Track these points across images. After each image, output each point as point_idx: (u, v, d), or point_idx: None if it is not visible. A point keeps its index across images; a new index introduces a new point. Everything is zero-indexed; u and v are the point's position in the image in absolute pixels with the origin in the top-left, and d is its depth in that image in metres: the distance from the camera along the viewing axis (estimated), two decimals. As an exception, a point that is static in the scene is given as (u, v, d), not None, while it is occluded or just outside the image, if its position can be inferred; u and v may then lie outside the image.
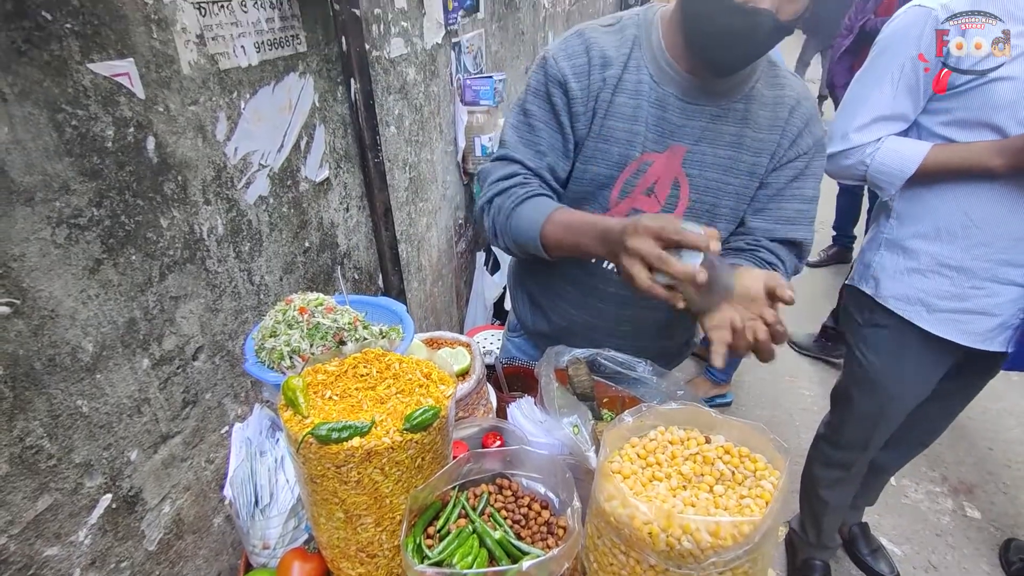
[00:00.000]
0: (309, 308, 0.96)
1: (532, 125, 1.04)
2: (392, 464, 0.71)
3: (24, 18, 0.79)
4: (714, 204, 1.04)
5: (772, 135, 1.01)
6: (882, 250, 1.49)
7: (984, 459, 2.54)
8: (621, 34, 1.01)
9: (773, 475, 0.71)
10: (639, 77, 0.99)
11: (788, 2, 0.83)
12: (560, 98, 1.01)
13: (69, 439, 0.93)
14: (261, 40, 1.24)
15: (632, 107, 0.99)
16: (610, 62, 0.99)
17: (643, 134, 1.00)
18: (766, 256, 1.05)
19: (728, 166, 1.01)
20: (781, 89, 1.02)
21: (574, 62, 0.99)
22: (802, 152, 1.02)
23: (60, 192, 0.86)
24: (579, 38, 1.01)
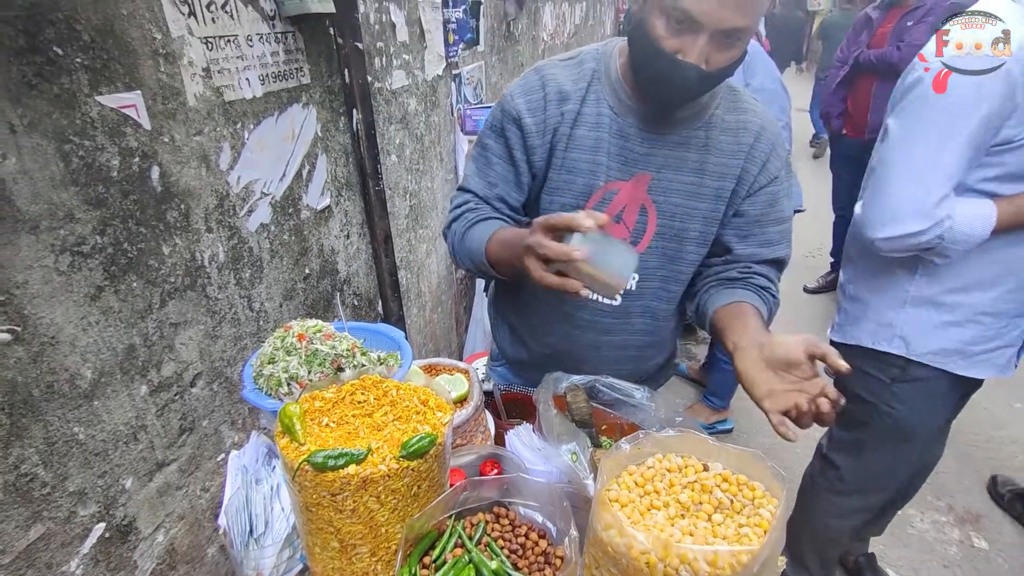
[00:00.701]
0: (308, 335, 0.97)
1: (487, 158, 1.09)
2: (388, 492, 0.71)
3: (36, 53, 0.81)
4: (682, 228, 1.07)
5: (736, 160, 1.04)
6: (907, 308, 1.40)
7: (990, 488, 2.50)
8: (579, 68, 1.05)
9: (771, 503, 0.71)
10: (599, 110, 1.03)
11: (718, 53, 0.86)
12: (514, 133, 1.05)
13: (64, 467, 0.92)
14: (266, 73, 1.27)
15: (593, 139, 1.03)
16: (567, 96, 1.03)
17: (606, 164, 1.03)
18: (759, 281, 1.08)
19: (693, 191, 1.04)
20: (743, 114, 1.05)
21: (529, 98, 1.04)
22: (773, 176, 1.06)
23: (65, 220, 0.88)
24: (536, 74, 1.06)
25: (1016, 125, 1.16)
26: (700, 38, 0.84)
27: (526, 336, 1.28)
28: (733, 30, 0.83)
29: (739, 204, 1.06)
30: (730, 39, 0.85)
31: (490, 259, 1.00)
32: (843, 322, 1.55)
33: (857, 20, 3.38)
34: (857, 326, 1.52)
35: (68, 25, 0.85)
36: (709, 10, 0.81)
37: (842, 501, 1.78)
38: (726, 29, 0.83)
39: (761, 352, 0.86)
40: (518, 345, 1.31)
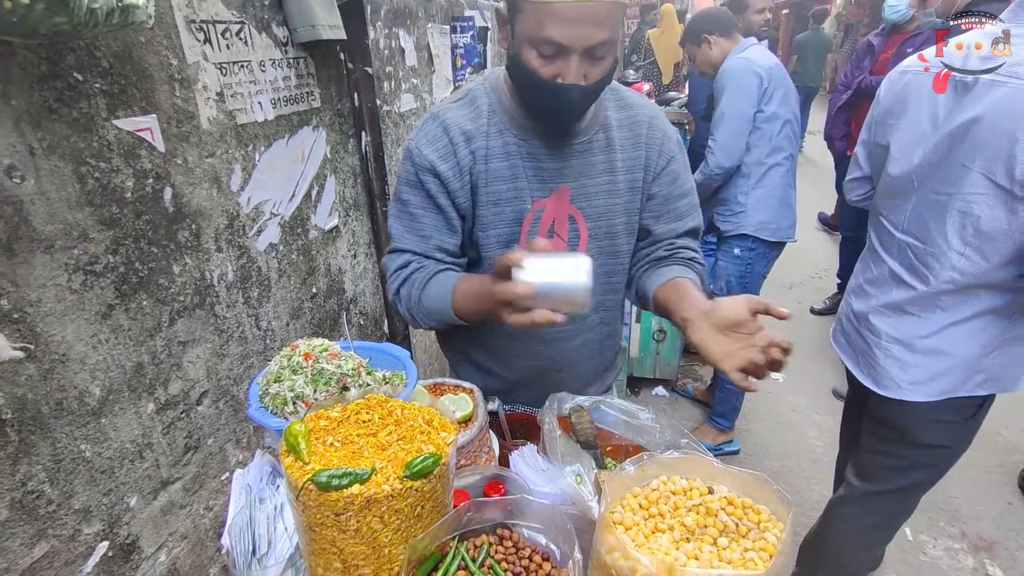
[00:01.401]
0: (314, 354, 0.97)
1: (412, 213, 1.09)
2: (391, 512, 0.70)
3: (57, 79, 0.84)
4: (610, 225, 1.13)
5: (637, 151, 1.11)
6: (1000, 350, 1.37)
7: (1004, 514, 2.45)
8: (474, 106, 1.08)
9: (777, 527, 0.70)
10: (505, 140, 1.06)
11: (592, 67, 0.91)
12: (433, 183, 1.06)
13: (70, 484, 0.93)
14: (277, 96, 1.30)
15: (509, 167, 1.07)
16: (471, 136, 1.06)
17: (526, 187, 1.08)
18: (685, 254, 1.15)
19: (610, 190, 1.10)
20: (630, 109, 1.12)
21: (436, 146, 1.05)
22: (672, 156, 1.14)
23: (79, 240, 0.90)
24: (435, 121, 1.07)
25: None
26: (572, 60, 0.88)
27: (493, 366, 1.29)
28: (599, 45, 0.88)
29: (648, 189, 1.14)
30: (598, 53, 0.90)
31: (459, 314, 1.02)
32: (919, 378, 1.45)
33: (859, 46, 3.43)
34: (940, 380, 1.42)
35: (89, 52, 0.88)
36: (574, 34, 0.86)
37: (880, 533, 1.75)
38: (593, 46, 0.88)
39: (709, 319, 0.90)
40: (487, 376, 1.31)
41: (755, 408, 3.15)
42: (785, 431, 2.99)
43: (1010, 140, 1.17)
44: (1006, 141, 1.18)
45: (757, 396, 3.24)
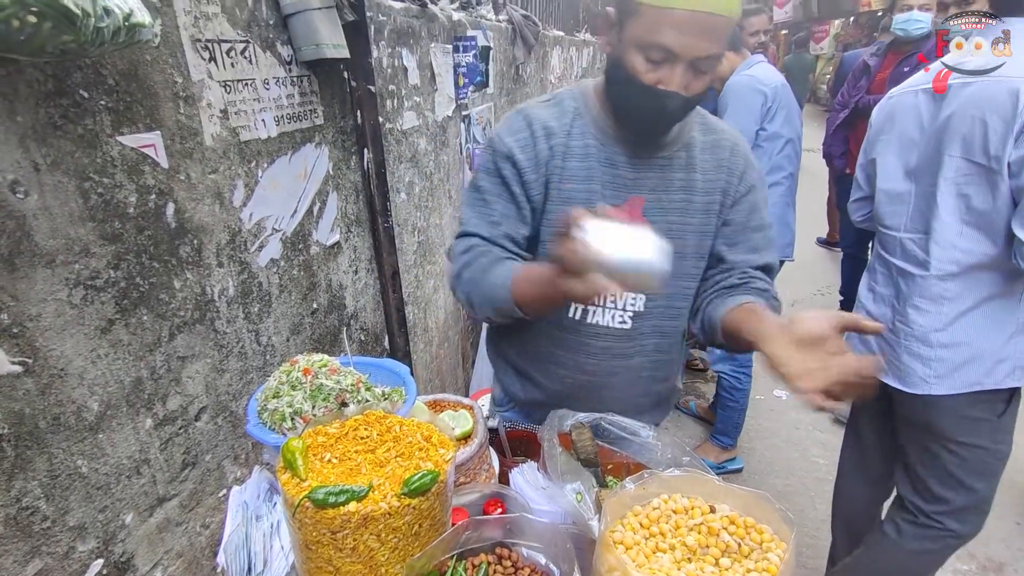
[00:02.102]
0: (313, 369, 0.97)
1: (485, 199, 1.10)
2: (389, 530, 0.70)
3: (63, 96, 0.85)
4: (680, 245, 1.10)
5: (719, 174, 1.11)
6: (1017, 337, 1.41)
7: (1012, 535, 2.41)
8: (560, 107, 1.11)
9: (780, 547, 0.69)
10: (585, 142, 1.08)
11: (694, 79, 0.93)
12: (510, 170, 1.08)
13: (66, 500, 0.92)
14: (281, 114, 1.32)
15: (585, 169, 1.08)
16: (553, 132, 1.08)
17: (599, 192, 1.08)
18: (758, 284, 1.12)
19: (684, 208, 1.10)
20: (715, 133, 1.13)
21: (517, 136, 1.08)
22: (752, 185, 1.13)
23: (80, 255, 0.90)
24: (519, 115, 1.11)
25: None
26: (678, 68, 0.90)
27: (536, 375, 1.27)
28: (707, 57, 0.90)
29: (726, 214, 1.13)
30: (704, 65, 0.91)
31: (517, 300, 0.98)
32: (943, 372, 1.46)
33: (856, 66, 3.47)
34: (964, 371, 1.44)
35: (95, 70, 0.89)
36: (686, 42, 0.88)
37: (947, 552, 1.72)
38: (701, 57, 0.89)
39: (788, 333, 0.82)
40: (528, 386, 1.29)
41: (758, 426, 3.12)
42: (789, 449, 2.96)
43: (981, 124, 1.31)
44: (978, 125, 1.32)
45: (760, 414, 3.21)
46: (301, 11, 1.28)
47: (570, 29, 4.81)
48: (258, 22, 1.22)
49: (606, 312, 1.13)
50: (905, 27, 3.08)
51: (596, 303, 1.12)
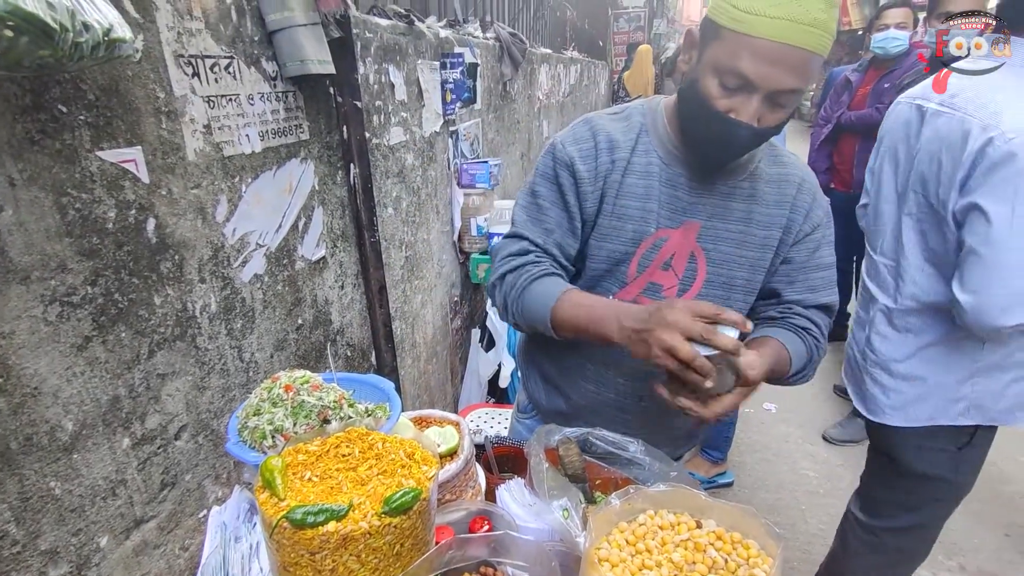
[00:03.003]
0: (295, 386, 0.96)
1: (540, 205, 1.09)
2: (369, 551, 0.68)
3: (41, 111, 0.84)
4: (730, 276, 1.08)
5: (781, 210, 1.07)
6: (976, 378, 1.38)
7: (1002, 546, 2.41)
8: (627, 122, 1.10)
9: (766, 563, 0.69)
10: (648, 160, 1.06)
11: (770, 113, 0.90)
12: (567, 179, 1.07)
13: (37, 523, 0.89)
14: (265, 129, 1.31)
15: (644, 187, 1.05)
16: (617, 146, 1.06)
17: (656, 211, 1.06)
18: (798, 321, 1.10)
19: (740, 240, 1.07)
20: (784, 168, 1.09)
21: (580, 146, 1.07)
22: (817, 224, 1.10)
23: (56, 271, 0.89)
24: (586, 125, 1.10)
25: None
26: (754, 99, 0.87)
27: (563, 385, 1.25)
28: (788, 91, 0.86)
29: (786, 252, 1.10)
30: (782, 100, 0.88)
31: (555, 322, 0.99)
32: (898, 404, 1.47)
33: (837, 82, 3.53)
34: (919, 406, 1.44)
35: (74, 85, 0.89)
36: (766, 73, 0.84)
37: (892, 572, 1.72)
38: (781, 91, 0.86)
39: None
40: (553, 395, 1.28)
41: (748, 439, 3.12)
42: (779, 463, 2.96)
43: (937, 163, 1.26)
44: (935, 165, 1.27)
45: (749, 427, 3.21)
46: (286, 27, 1.28)
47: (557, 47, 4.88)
48: (242, 38, 1.22)
49: None
50: (883, 45, 3.15)
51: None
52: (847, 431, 3.06)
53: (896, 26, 3.10)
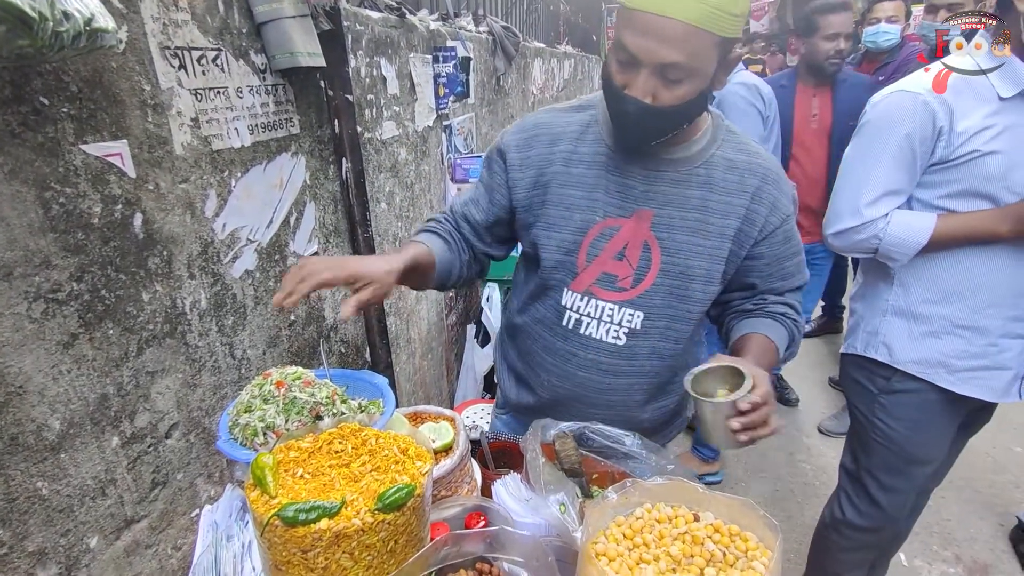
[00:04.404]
0: (287, 382, 0.94)
1: (476, 184, 1.21)
2: (362, 548, 0.67)
3: (22, 103, 0.82)
4: (687, 265, 1.06)
5: (740, 199, 1.05)
6: (889, 317, 1.51)
7: (996, 536, 2.43)
8: (579, 112, 1.12)
9: (765, 555, 0.68)
10: (596, 149, 1.07)
11: (664, 89, 0.89)
12: (498, 164, 1.14)
13: (24, 525, 0.87)
14: (255, 123, 1.29)
15: (592, 176, 1.06)
16: (559, 138, 1.09)
17: (603, 200, 1.06)
18: (775, 308, 1.12)
19: (696, 228, 1.05)
20: (748, 156, 1.07)
21: (518, 136, 1.12)
22: (785, 216, 1.09)
23: (41, 267, 0.87)
24: (532, 117, 1.15)
25: (946, 147, 1.30)
26: (641, 74, 0.88)
27: (531, 381, 1.25)
28: (670, 66, 0.86)
29: (753, 247, 1.08)
30: (671, 75, 0.88)
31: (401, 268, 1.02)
32: (847, 334, 1.67)
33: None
34: (853, 335, 1.62)
35: (56, 76, 0.87)
36: (644, 46, 0.86)
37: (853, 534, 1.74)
38: (663, 64, 0.86)
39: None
40: (522, 390, 1.28)
41: (744, 432, 3.12)
42: (775, 454, 2.96)
43: None
44: None
45: (746, 420, 3.21)
46: (274, 19, 1.26)
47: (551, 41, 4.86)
48: (230, 30, 1.20)
49: (601, 325, 1.10)
50: (874, 39, 3.14)
51: (592, 316, 1.10)
52: (842, 423, 3.07)
53: (887, 20, 3.09)
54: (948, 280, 1.40)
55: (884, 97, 1.41)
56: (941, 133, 1.30)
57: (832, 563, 1.82)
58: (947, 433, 1.56)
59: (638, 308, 1.08)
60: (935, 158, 1.33)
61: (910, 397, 1.51)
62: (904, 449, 1.55)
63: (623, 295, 1.08)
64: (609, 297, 1.08)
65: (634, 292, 1.07)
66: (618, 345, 1.10)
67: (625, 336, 1.10)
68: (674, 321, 1.10)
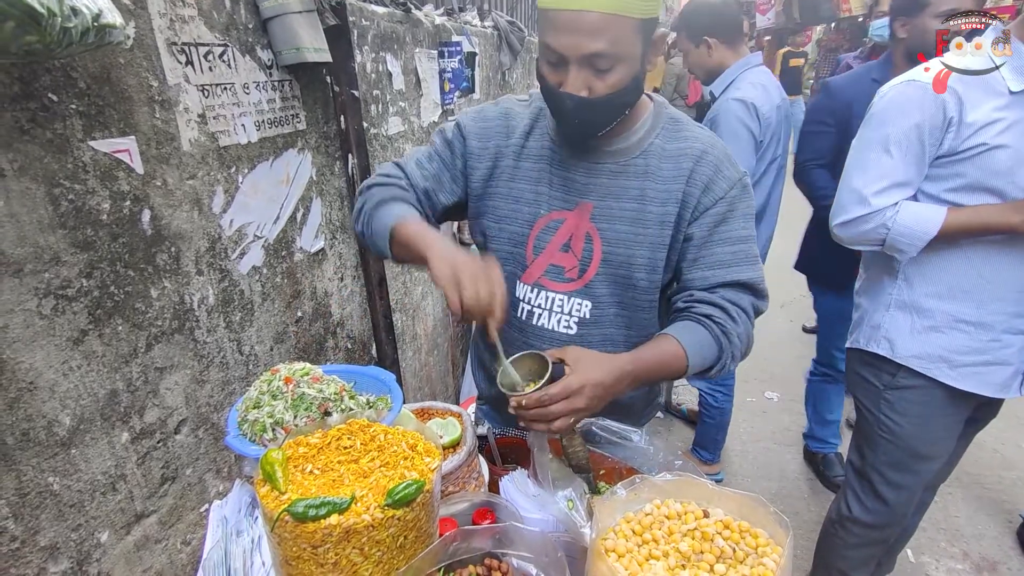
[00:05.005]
0: (295, 378, 0.94)
1: (430, 154, 1.14)
2: (372, 543, 0.67)
3: (31, 99, 0.82)
4: (628, 255, 1.07)
5: (676, 184, 1.05)
6: (892, 311, 1.50)
7: (1004, 533, 2.41)
8: (529, 107, 1.12)
9: (775, 551, 0.67)
10: (542, 144, 1.09)
11: (596, 80, 0.90)
12: (459, 146, 1.12)
13: (36, 519, 0.88)
14: (262, 119, 1.29)
15: (537, 170, 1.08)
16: (513, 132, 1.10)
17: (548, 193, 1.08)
18: (701, 309, 1.05)
19: (635, 218, 1.05)
20: (684, 142, 1.07)
21: (480, 125, 1.12)
22: (719, 198, 1.05)
23: (50, 263, 0.87)
24: (494, 107, 1.14)
25: (955, 138, 1.29)
26: (571, 69, 0.90)
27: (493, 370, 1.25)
28: (596, 55, 0.87)
29: (686, 228, 1.06)
30: (599, 64, 0.89)
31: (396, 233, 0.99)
32: (851, 328, 1.65)
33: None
34: (857, 329, 1.61)
35: (64, 73, 0.87)
36: (566, 42, 0.87)
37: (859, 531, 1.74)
38: (588, 55, 0.87)
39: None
40: (490, 382, 1.28)
41: (750, 428, 3.11)
42: (782, 451, 2.95)
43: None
44: None
45: (751, 416, 3.20)
46: (280, 15, 1.26)
47: (556, 36, 4.82)
48: (236, 26, 1.20)
49: (552, 315, 1.11)
50: (881, 32, 3.12)
51: (543, 307, 1.11)
52: None
53: None
54: (953, 275, 1.39)
55: (893, 87, 1.39)
56: (951, 124, 1.29)
57: (838, 560, 1.82)
58: (953, 429, 1.55)
59: (585, 297, 1.09)
60: (943, 149, 1.32)
61: (915, 393, 1.50)
62: (909, 445, 1.55)
63: (570, 285, 1.09)
64: (558, 288, 1.10)
65: (580, 283, 1.09)
66: (570, 334, 1.11)
67: (576, 325, 1.11)
68: (622, 308, 1.11)
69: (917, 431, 1.53)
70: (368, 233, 1.06)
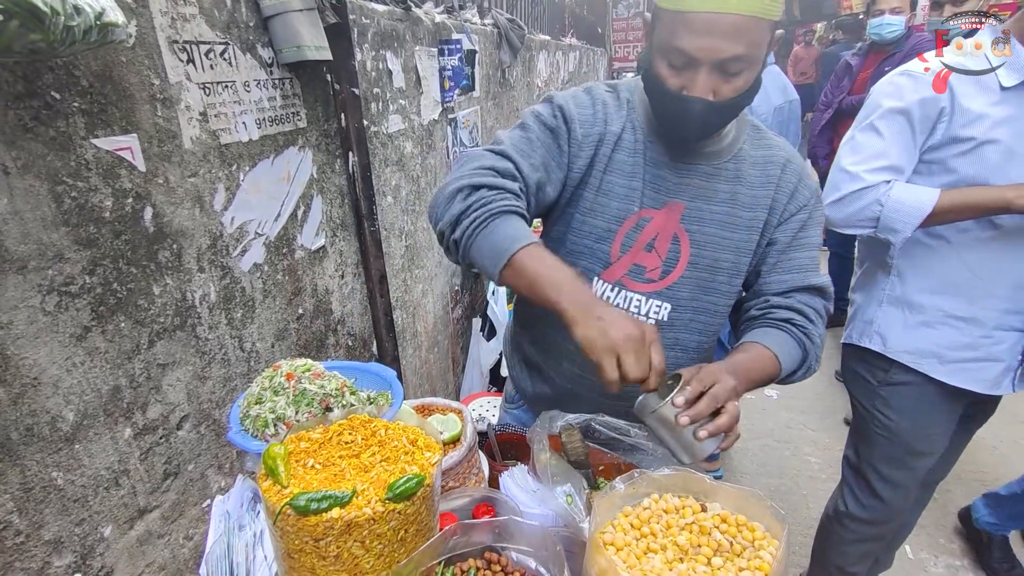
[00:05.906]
0: (296, 374, 0.95)
1: (530, 140, 1.02)
2: (373, 537, 0.68)
3: (34, 98, 0.83)
4: (715, 258, 1.06)
5: (766, 191, 1.06)
6: (884, 306, 1.51)
7: (1003, 529, 2.42)
8: (618, 97, 1.08)
9: (772, 544, 0.68)
10: (635, 137, 1.05)
11: (723, 83, 0.88)
12: (563, 130, 1.03)
13: (40, 514, 0.89)
14: (263, 117, 1.30)
15: (631, 164, 1.04)
16: (612, 120, 1.06)
17: (640, 190, 1.05)
18: (779, 315, 1.06)
19: (725, 221, 1.05)
20: (768, 149, 1.08)
21: (581, 111, 1.05)
22: (803, 204, 1.08)
23: (54, 260, 0.88)
24: (587, 94, 1.08)
25: (947, 128, 1.29)
26: (700, 72, 0.87)
27: (547, 368, 1.23)
28: (731, 59, 0.85)
29: (771, 233, 1.08)
30: (731, 68, 0.87)
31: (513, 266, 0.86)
32: (846, 323, 1.67)
33: (839, 66, 3.50)
34: (851, 325, 1.63)
35: (67, 71, 0.87)
36: (702, 45, 0.84)
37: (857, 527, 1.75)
38: (723, 59, 0.85)
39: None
40: (537, 380, 1.26)
41: (750, 425, 3.12)
42: (781, 448, 2.96)
43: None
44: None
45: (752, 413, 3.21)
46: (281, 13, 1.26)
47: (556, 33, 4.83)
48: (237, 24, 1.21)
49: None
50: (879, 31, 3.12)
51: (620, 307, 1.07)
52: None
53: (891, 11, 3.07)
54: (946, 270, 1.40)
55: (887, 78, 1.41)
56: (943, 113, 1.30)
57: (836, 556, 1.83)
58: (947, 425, 1.56)
59: (666, 300, 1.07)
60: (935, 138, 1.32)
61: (908, 389, 1.51)
62: (904, 441, 1.55)
63: (651, 286, 1.07)
64: (637, 288, 1.07)
65: (662, 284, 1.07)
66: None
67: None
68: (699, 313, 1.10)
69: (911, 427, 1.54)
70: (469, 244, 0.91)
